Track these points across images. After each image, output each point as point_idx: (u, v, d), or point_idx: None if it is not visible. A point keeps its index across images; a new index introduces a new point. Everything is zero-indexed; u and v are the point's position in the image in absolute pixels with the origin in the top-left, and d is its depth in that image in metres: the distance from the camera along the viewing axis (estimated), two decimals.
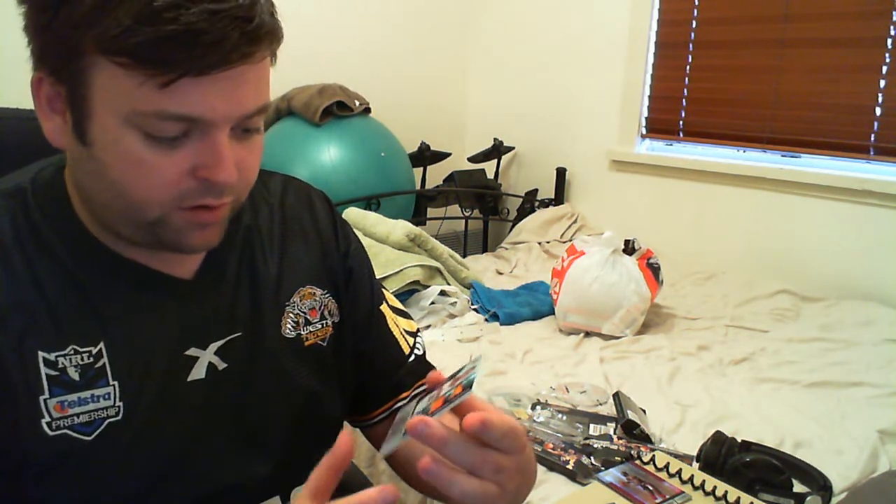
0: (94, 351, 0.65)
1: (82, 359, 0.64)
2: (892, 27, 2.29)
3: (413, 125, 3.21)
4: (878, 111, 2.34)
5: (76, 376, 0.63)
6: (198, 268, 0.73)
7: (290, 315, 0.79)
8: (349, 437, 0.55)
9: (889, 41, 2.30)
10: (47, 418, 0.62)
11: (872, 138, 2.36)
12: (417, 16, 3.36)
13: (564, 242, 2.92)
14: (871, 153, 2.37)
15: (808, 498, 1.21)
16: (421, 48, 3.40)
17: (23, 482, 0.62)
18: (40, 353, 0.62)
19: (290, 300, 0.79)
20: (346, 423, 0.90)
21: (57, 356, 0.63)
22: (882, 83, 2.32)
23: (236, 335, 0.74)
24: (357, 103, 2.82)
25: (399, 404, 0.88)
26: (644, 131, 2.98)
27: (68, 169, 0.68)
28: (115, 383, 0.65)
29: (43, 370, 0.62)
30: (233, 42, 0.56)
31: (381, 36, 3.23)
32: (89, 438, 0.64)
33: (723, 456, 1.28)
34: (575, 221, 3.08)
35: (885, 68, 2.31)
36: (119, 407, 0.65)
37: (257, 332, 0.75)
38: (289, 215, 0.82)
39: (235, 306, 0.74)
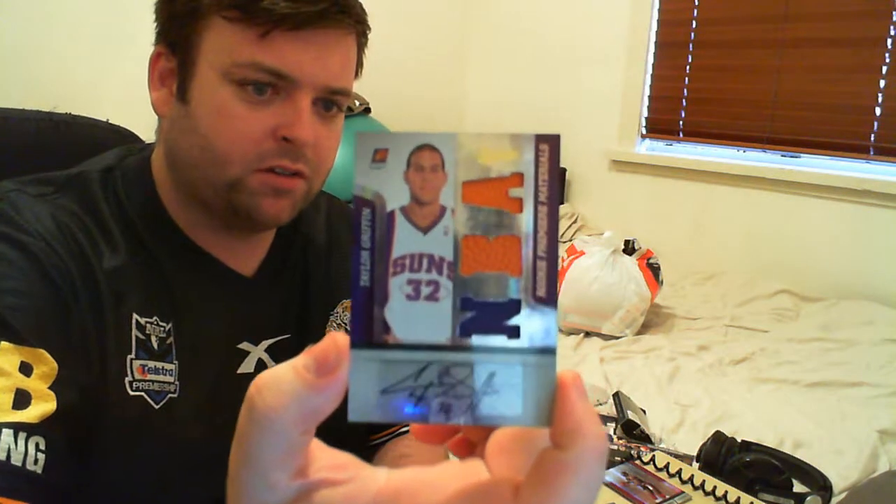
0: (167, 327, 0.68)
1: (161, 331, 0.68)
2: (892, 27, 2.29)
3: (413, 125, 3.21)
4: (878, 111, 2.34)
5: (156, 345, 0.67)
6: (258, 266, 0.77)
7: (333, 324, 0.82)
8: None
9: (889, 41, 2.30)
10: (130, 377, 0.65)
11: (872, 138, 2.36)
12: (417, 16, 3.36)
13: (564, 242, 2.92)
14: (871, 153, 2.37)
15: (808, 498, 1.21)
16: (421, 49, 3.40)
17: (98, 449, 0.63)
18: (134, 315, 0.66)
19: (334, 310, 0.82)
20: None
21: (146, 322, 0.67)
22: (882, 83, 2.32)
23: (286, 336, 0.77)
24: (357, 103, 2.82)
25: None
26: (644, 131, 2.98)
27: (162, 143, 0.72)
28: (177, 362, 0.68)
29: (134, 332, 0.66)
30: (327, 3, 0.64)
31: (381, 37, 3.21)
32: (157, 406, 0.66)
33: (723, 456, 1.28)
34: (575, 221, 3.08)
35: (885, 68, 2.31)
36: (177, 385, 0.68)
37: (304, 336, 0.79)
38: (333, 231, 0.86)
39: (288, 308, 0.78)
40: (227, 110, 0.65)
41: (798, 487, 1.26)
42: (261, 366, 0.75)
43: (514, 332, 0.24)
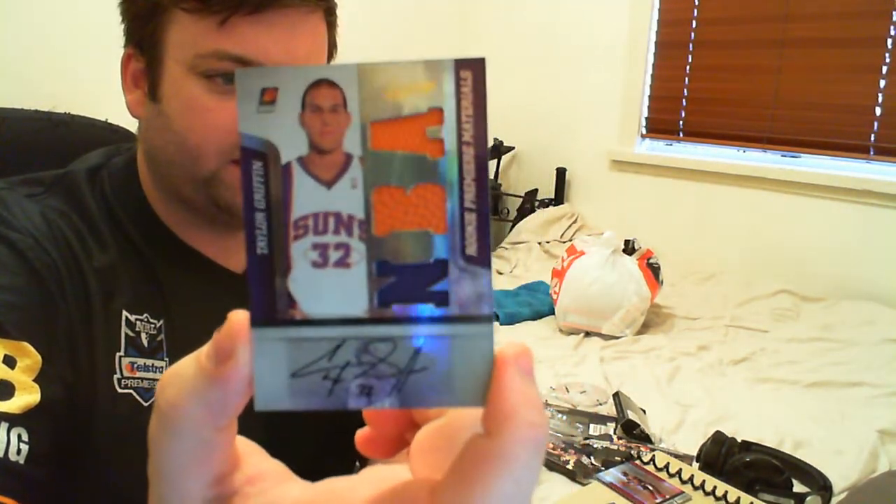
0: (158, 325, 0.68)
1: (152, 328, 0.67)
2: (892, 27, 2.29)
3: None
4: (878, 111, 2.34)
5: (146, 342, 0.67)
6: None
7: None
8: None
9: (889, 41, 2.30)
10: (118, 375, 0.64)
11: (872, 138, 2.36)
12: (416, 16, 3.36)
13: (564, 242, 2.92)
14: (871, 153, 2.37)
15: (808, 498, 1.21)
16: (420, 48, 3.40)
17: (90, 448, 0.62)
18: (124, 312, 0.66)
19: None
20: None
21: (136, 319, 0.66)
22: (882, 83, 2.32)
23: None
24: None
25: None
26: (644, 131, 2.98)
27: (141, 143, 0.72)
28: (168, 359, 0.68)
29: (123, 329, 0.65)
30: None
31: (380, 37, 3.23)
32: (146, 404, 0.66)
33: (723, 456, 1.28)
34: (575, 221, 3.08)
35: (885, 68, 2.31)
36: None
37: None
38: None
39: None
40: (197, 104, 0.64)
41: (798, 487, 1.26)
42: None
43: (442, 299, 0.20)
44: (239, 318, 0.20)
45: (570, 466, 1.30)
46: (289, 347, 0.20)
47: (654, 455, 1.26)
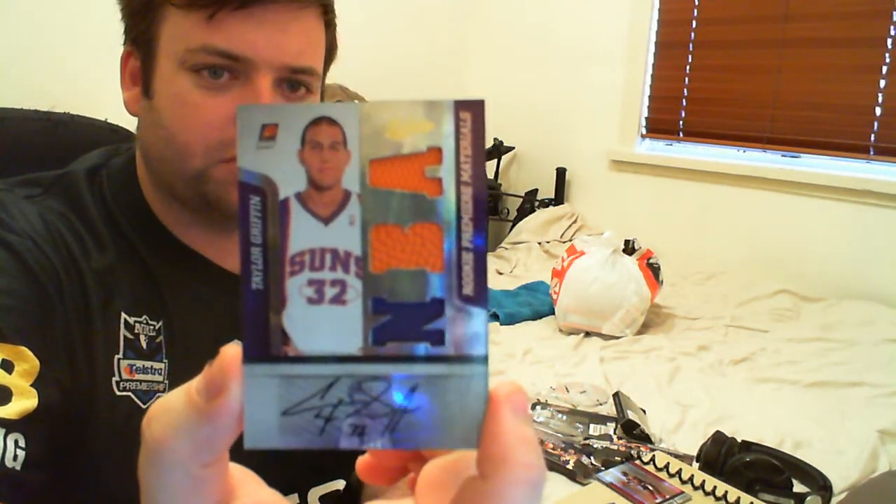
0: (157, 326, 0.68)
1: (150, 330, 0.67)
2: (892, 27, 2.29)
3: None
4: (878, 111, 2.34)
5: (144, 344, 0.66)
6: None
7: None
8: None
9: (889, 41, 2.30)
10: (117, 377, 0.64)
11: (872, 138, 2.36)
12: (417, 16, 3.36)
13: (564, 242, 2.92)
14: (871, 153, 2.37)
15: (808, 498, 1.21)
16: (421, 48, 3.40)
17: (88, 451, 0.62)
18: (123, 315, 0.65)
19: None
20: None
21: (135, 321, 0.66)
22: (882, 83, 2.32)
23: None
24: (357, 103, 2.82)
25: None
26: (644, 131, 2.98)
27: (138, 141, 0.71)
28: (167, 361, 0.68)
29: (122, 331, 0.65)
30: None
31: (381, 37, 3.23)
32: (145, 406, 0.65)
33: (723, 456, 1.28)
34: (575, 221, 3.08)
35: (885, 68, 2.31)
36: (165, 384, 0.67)
37: None
38: None
39: None
40: (185, 99, 0.64)
41: (798, 487, 1.26)
42: None
43: (438, 338, 0.20)
44: (231, 352, 0.20)
45: (570, 466, 1.30)
46: (281, 384, 0.20)
47: (654, 455, 1.26)
